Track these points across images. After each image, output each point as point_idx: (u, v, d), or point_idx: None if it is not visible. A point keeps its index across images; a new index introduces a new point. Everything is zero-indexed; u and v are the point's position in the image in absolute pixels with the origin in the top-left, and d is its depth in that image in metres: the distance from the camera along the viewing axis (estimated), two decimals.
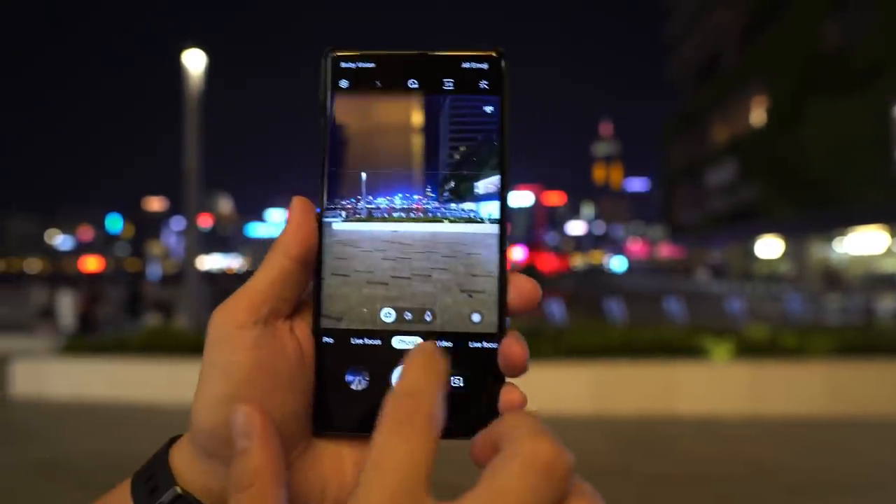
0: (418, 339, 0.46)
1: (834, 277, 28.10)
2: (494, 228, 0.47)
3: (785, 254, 37.46)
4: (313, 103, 0.49)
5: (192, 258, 12.28)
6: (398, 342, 0.46)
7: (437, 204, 0.48)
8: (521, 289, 0.46)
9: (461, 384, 0.45)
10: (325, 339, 0.46)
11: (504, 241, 0.47)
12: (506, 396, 0.44)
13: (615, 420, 7.08)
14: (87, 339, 9.89)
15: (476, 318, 0.46)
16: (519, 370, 0.45)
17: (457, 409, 0.44)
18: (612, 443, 6.34)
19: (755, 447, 6.27)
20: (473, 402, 0.45)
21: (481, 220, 0.47)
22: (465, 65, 0.48)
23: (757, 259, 41.78)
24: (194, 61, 12.08)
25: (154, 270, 50.08)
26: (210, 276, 18.28)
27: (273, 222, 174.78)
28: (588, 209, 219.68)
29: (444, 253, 0.47)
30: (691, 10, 44.67)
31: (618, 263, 79.93)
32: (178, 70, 12.06)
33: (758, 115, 32.77)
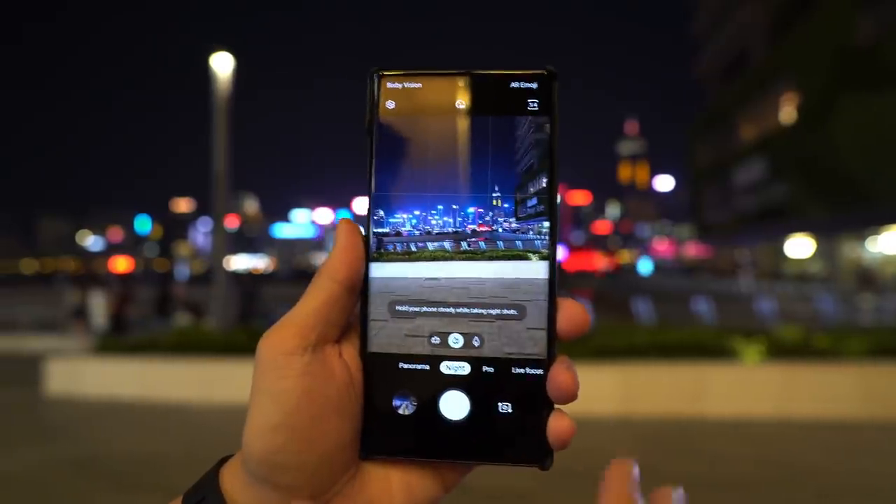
0: (466, 365, 0.46)
1: (867, 277, 27.54)
2: (544, 252, 0.46)
3: (816, 253, 36.80)
4: (351, 114, 0.49)
5: (220, 259, 12.43)
6: (445, 367, 0.46)
7: (485, 227, 0.47)
8: (571, 314, 0.45)
9: (509, 410, 0.45)
10: (373, 364, 0.46)
11: (554, 266, 0.46)
12: (554, 424, 0.44)
13: (643, 421, 7.02)
14: (119, 339, 10.06)
15: (525, 343, 0.46)
16: (568, 397, 0.44)
17: (504, 435, 0.44)
18: (641, 444, 6.29)
19: (786, 450, 6.17)
20: (521, 428, 0.45)
21: (530, 244, 0.46)
22: (515, 84, 0.47)
23: (787, 259, 41.10)
24: (222, 64, 12.23)
25: (182, 271, 50.78)
26: (236, 277, 18.47)
27: (298, 223, 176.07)
28: (613, 208, 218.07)
29: (493, 277, 0.46)
30: (718, 7, 44.10)
31: (645, 265, 76.57)
32: (206, 72, 12.22)
33: (787, 113, 32.25)
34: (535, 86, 0.47)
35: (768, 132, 34.69)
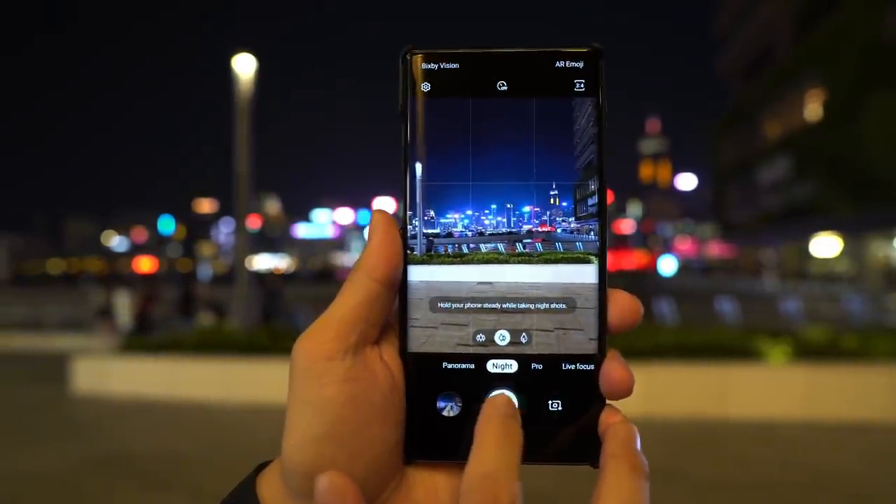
0: (513, 363, 0.44)
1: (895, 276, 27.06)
2: (593, 242, 0.44)
3: (843, 252, 36.26)
4: (388, 107, 0.46)
5: (243, 259, 12.54)
6: (492, 366, 0.44)
7: (529, 217, 0.44)
8: (622, 306, 0.43)
9: (559, 408, 0.43)
10: (415, 365, 0.44)
11: (604, 256, 0.44)
12: (607, 420, 0.42)
13: (666, 422, 6.95)
14: (144, 339, 10.18)
15: (574, 339, 0.44)
16: (623, 392, 0.42)
17: (555, 434, 0.43)
18: (664, 446, 6.23)
19: (813, 453, 6.08)
20: (572, 426, 0.43)
21: (578, 234, 0.44)
22: (559, 63, 0.45)
23: (813, 258, 40.54)
24: (244, 65, 12.32)
25: (205, 271, 51.37)
26: (259, 277, 18.63)
27: (319, 223, 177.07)
28: (635, 207, 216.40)
29: (540, 270, 0.44)
30: (741, 5, 43.62)
31: (668, 265, 73.74)
32: (229, 73, 12.32)
33: (812, 110, 31.79)
34: (580, 65, 0.45)
35: (793, 130, 34.21)
